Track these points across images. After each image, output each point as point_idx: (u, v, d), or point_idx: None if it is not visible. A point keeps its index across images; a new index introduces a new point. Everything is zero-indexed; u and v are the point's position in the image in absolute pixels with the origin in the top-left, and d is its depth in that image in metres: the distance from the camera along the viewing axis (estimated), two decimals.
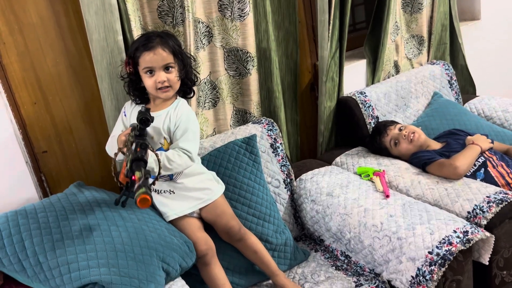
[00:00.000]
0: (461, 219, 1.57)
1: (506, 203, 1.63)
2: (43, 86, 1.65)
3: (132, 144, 1.34)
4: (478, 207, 1.64)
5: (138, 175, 1.24)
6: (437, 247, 1.46)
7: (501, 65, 3.10)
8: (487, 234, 1.52)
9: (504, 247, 1.64)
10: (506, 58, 3.11)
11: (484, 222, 1.61)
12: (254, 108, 2.06)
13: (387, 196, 1.73)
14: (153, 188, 1.59)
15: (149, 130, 1.52)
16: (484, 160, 1.91)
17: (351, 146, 2.25)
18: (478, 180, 1.85)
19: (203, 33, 1.87)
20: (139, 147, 1.32)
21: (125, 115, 1.61)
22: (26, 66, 1.60)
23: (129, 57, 1.53)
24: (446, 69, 2.55)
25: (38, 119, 1.66)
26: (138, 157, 1.29)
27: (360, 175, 1.93)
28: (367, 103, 2.25)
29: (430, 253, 1.45)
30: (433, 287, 1.43)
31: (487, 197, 1.67)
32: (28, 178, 1.66)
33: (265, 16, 1.95)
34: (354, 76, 2.41)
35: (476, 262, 1.61)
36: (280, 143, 1.96)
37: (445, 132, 2.21)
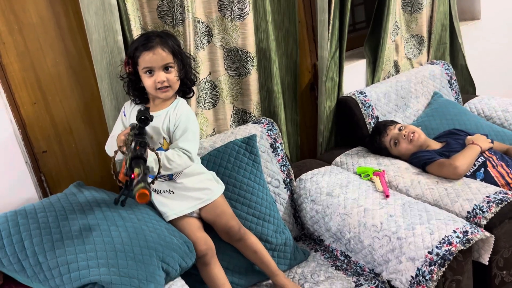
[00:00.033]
0: (461, 219, 1.57)
1: (506, 203, 1.63)
2: (43, 86, 1.65)
3: (132, 143, 1.35)
4: (478, 207, 1.64)
5: (137, 172, 1.24)
6: (437, 247, 1.46)
7: (501, 65, 3.09)
8: (487, 234, 1.52)
9: (504, 247, 1.64)
10: (506, 58, 3.11)
11: (484, 222, 1.61)
12: (254, 108, 2.06)
13: (387, 196, 1.73)
14: (153, 188, 1.60)
15: (149, 130, 1.52)
16: (484, 160, 1.91)
17: (351, 146, 2.25)
18: (478, 180, 1.85)
19: (203, 33, 1.87)
20: (139, 145, 1.32)
21: (125, 115, 1.61)
22: (26, 66, 1.60)
23: (129, 57, 1.53)
24: (446, 69, 2.55)
25: (38, 119, 1.66)
26: (138, 155, 1.29)
27: (360, 175, 1.93)
28: (367, 103, 2.25)
29: (430, 253, 1.45)
30: (433, 287, 1.43)
31: (487, 197, 1.67)
32: (28, 178, 1.66)
33: (265, 16, 1.95)
34: (354, 76, 2.41)
35: (476, 262, 1.61)
36: (280, 143, 1.96)
37: (445, 132, 2.20)
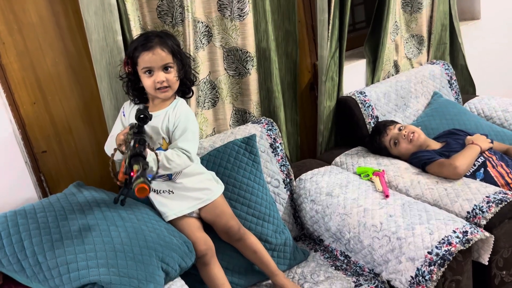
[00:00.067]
0: (461, 219, 1.57)
1: (506, 203, 1.63)
2: (43, 86, 1.65)
3: (131, 142, 1.35)
4: (478, 207, 1.64)
5: (137, 168, 1.25)
6: (437, 247, 1.46)
7: (501, 65, 3.09)
8: (487, 234, 1.52)
9: (504, 247, 1.64)
10: (506, 58, 3.11)
11: (484, 222, 1.61)
12: (254, 108, 2.06)
13: (387, 196, 1.73)
14: (152, 188, 1.60)
15: (148, 130, 1.52)
16: (484, 160, 1.91)
17: (351, 146, 2.25)
18: (478, 180, 1.85)
19: (203, 33, 1.87)
20: (138, 143, 1.32)
21: (124, 115, 1.61)
22: (26, 66, 1.60)
23: (128, 57, 1.53)
24: (446, 69, 2.55)
25: (38, 119, 1.66)
26: (137, 153, 1.29)
27: (360, 175, 1.93)
28: (367, 103, 2.25)
29: (430, 253, 1.45)
30: (433, 287, 1.43)
31: (487, 197, 1.67)
32: (28, 178, 1.66)
33: (265, 16, 1.95)
34: (354, 76, 2.40)
35: (476, 262, 1.61)
36: (280, 143, 1.96)
37: (445, 132, 2.20)
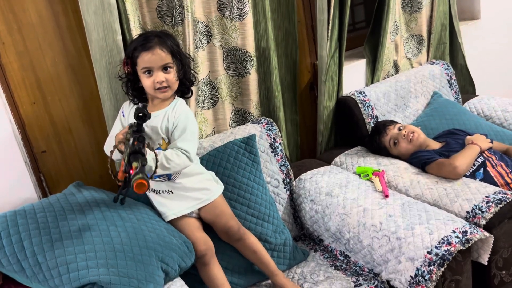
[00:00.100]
0: (460, 219, 1.57)
1: (505, 203, 1.63)
2: (42, 86, 1.65)
3: (130, 140, 1.35)
4: (477, 207, 1.64)
5: (136, 165, 1.25)
6: (436, 247, 1.46)
7: (501, 65, 3.09)
8: (486, 234, 1.52)
9: (503, 247, 1.64)
10: (506, 58, 3.11)
11: (483, 222, 1.61)
12: (254, 108, 2.06)
13: (386, 196, 1.73)
14: (152, 188, 1.60)
15: (147, 130, 1.52)
16: (484, 160, 1.91)
17: (351, 146, 2.25)
18: (477, 180, 1.85)
19: (202, 33, 1.87)
20: (136, 141, 1.32)
21: (123, 115, 1.61)
22: (25, 66, 1.60)
23: (127, 57, 1.53)
24: (446, 69, 2.55)
25: (37, 119, 1.66)
26: (136, 150, 1.29)
27: (360, 175, 1.93)
28: (367, 103, 2.25)
29: (429, 253, 1.45)
30: (432, 287, 1.43)
31: (486, 197, 1.67)
32: (27, 178, 1.66)
33: (265, 16, 1.95)
34: (354, 76, 2.40)
35: (475, 262, 1.61)
36: (280, 143, 1.96)
37: (445, 132, 2.20)
